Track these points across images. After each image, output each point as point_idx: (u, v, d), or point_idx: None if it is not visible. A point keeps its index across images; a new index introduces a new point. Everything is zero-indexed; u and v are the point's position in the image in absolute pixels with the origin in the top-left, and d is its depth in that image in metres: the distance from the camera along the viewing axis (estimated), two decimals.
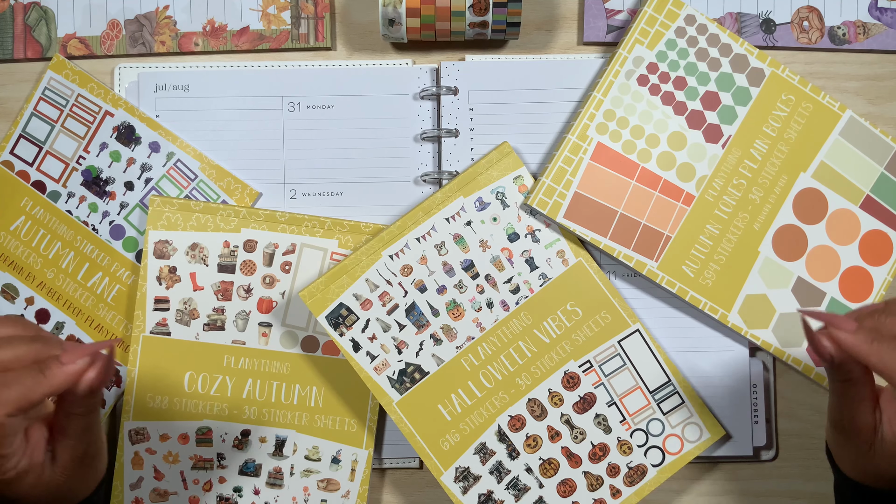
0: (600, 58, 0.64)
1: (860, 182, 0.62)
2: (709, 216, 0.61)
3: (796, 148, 0.62)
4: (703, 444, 0.61)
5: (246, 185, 0.63)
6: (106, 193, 0.63)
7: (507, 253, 0.61)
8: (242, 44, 0.64)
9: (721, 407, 0.62)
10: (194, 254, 0.62)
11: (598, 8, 0.64)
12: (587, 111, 0.61)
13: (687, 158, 0.61)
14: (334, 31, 0.65)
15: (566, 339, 0.61)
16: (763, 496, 0.64)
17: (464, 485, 0.60)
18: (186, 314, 0.61)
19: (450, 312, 0.61)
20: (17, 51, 0.64)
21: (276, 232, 0.62)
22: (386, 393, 0.60)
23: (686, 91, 0.62)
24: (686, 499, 0.64)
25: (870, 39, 0.65)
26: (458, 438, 0.60)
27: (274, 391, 0.62)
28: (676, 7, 0.62)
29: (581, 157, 0.60)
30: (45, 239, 0.63)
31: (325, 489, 0.62)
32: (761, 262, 0.61)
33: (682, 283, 0.60)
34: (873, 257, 0.62)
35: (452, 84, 0.63)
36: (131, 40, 0.64)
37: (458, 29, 0.60)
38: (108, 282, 0.63)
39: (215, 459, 0.62)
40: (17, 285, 0.63)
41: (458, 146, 0.63)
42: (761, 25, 0.64)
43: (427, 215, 0.61)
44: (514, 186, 0.61)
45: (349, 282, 0.60)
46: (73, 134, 0.63)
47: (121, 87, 0.64)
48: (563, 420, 0.61)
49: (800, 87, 0.62)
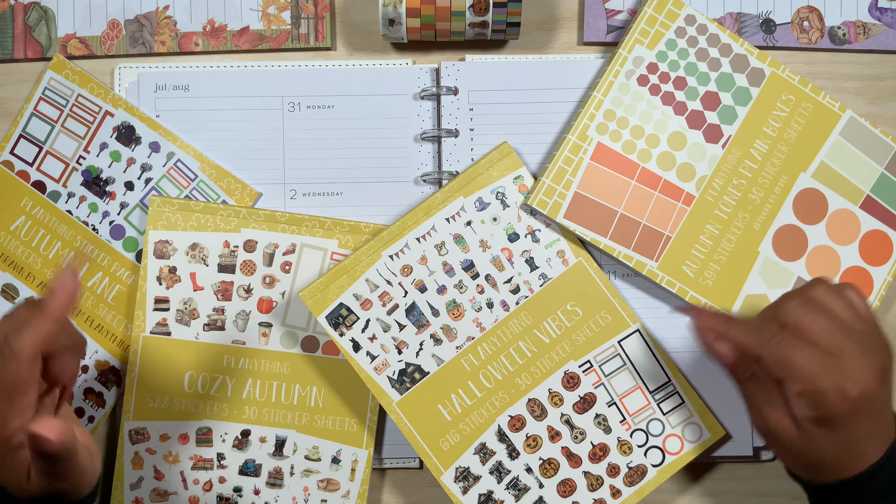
0: (600, 58, 0.64)
1: (860, 182, 0.62)
2: (709, 216, 0.61)
3: (796, 148, 0.62)
4: (703, 444, 0.61)
5: (246, 185, 0.63)
6: (106, 193, 0.63)
7: (507, 253, 0.61)
8: (242, 44, 0.64)
9: (721, 407, 0.62)
10: (194, 254, 0.62)
11: (598, 8, 0.64)
12: (587, 111, 0.61)
13: (687, 158, 0.61)
14: (334, 31, 0.65)
15: (566, 339, 0.61)
16: (763, 496, 0.64)
17: (464, 485, 0.60)
18: (186, 314, 0.61)
19: (450, 312, 0.61)
20: (17, 51, 0.64)
21: (276, 232, 0.62)
22: (386, 393, 0.60)
23: (686, 91, 0.62)
24: (686, 499, 0.64)
25: (870, 39, 0.65)
26: (458, 438, 0.60)
27: (274, 391, 0.62)
28: (676, 7, 0.62)
29: (581, 157, 0.60)
30: (45, 239, 0.63)
31: (325, 489, 0.62)
32: (761, 262, 0.61)
33: (682, 283, 0.60)
34: (873, 257, 0.62)
35: (452, 84, 0.63)
36: (131, 40, 0.64)
37: (458, 29, 0.60)
38: (109, 282, 0.63)
39: (215, 459, 0.62)
40: (17, 285, 0.63)
41: (458, 146, 0.63)
42: (761, 25, 0.64)
43: (427, 215, 0.61)
44: (514, 186, 0.61)
45: (349, 282, 0.60)
46: (73, 134, 0.63)
47: (121, 87, 0.64)
48: (563, 420, 0.61)
49: (800, 87, 0.62)
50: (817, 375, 0.45)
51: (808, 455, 0.48)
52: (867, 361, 0.45)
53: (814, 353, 0.45)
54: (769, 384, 0.47)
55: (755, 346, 0.46)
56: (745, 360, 0.48)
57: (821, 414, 0.45)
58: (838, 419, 0.45)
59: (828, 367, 0.45)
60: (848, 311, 0.47)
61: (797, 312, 0.46)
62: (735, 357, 0.48)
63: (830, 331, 0.46)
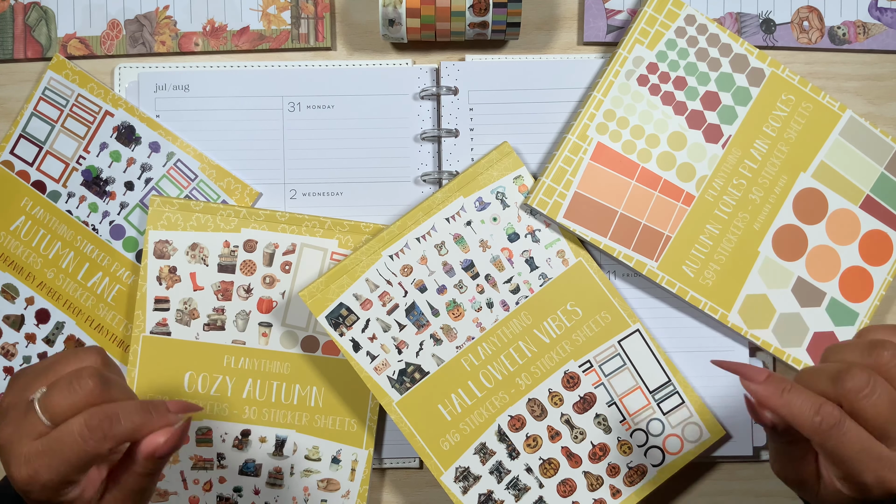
0: (600, 58, 0.64)
1: (860, 182, 0.62)
2: (709, 216, 0.61)
3: (796, 148, 0.62)
4: (703, 444, 0.61)
5: (246, 185, 0.63)
6: (106, 193, 0.63)
7: (507, 253, 0.61)
8: (242, 44, 0.64)
9: (721, 407, 0.62)
10: (194, 254, 0.62)
11: (598, 8, 0.64)
12: (587, 111, 0.61)
13: (687, 158, 0.61)
14: (334, 31, 0.65)
15: (566, 339, 0.61)
16: (763, 496, 0.64)
17: (464, 485, 0.60)
18: (186, 314, 0.61)
19: (450, 312, 0.61)
20: (17, 51, 0.64)
21: (276, 232, 0.62)
22: (386, 393, 0.60)
23: (686, 91, 0.62)
24: (686, 499, 0.64)
25: (870, 39, 0.65)
26: (458, 438, 0.60)
27: (274, 391, 0.62)
28: (676, 7, 0.62)
29: (581, 157, 0.60)
30: (45, 239, 0.63)
31: (325, 489, 0.62)
32: (761, 262, 0.61)
33: (682, 283, 0.60)
34: (873, 257, 0.62)
35: (452, 84, 0.63)
36: (131, 40, 0.64)
37: (458, 29, 0.60)
38: (108, 282, 0.63)
39: (215, 459, 0.62)
40: (17, 285, 0.63)
41: (458, 146, 0.63)
42: (761, 25, 0.64)
43: (427, 215, 0.61)
44: (514, 186, 0.61)
45: (349, 282, 0.60)
46: (73, 134, 0.63)
47: (121, 87, 0.64)
48: (563, 420, 0.61)
49: (800, 87, 0.62)
50: (866, 470, 0.41)
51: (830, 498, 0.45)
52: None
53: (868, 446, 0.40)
54: (807, 445, 0.44)
55: (810, 429, 0.41)
56: (792, 431, 0.43)
57: (855, 495, 0.42)
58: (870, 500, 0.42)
59: (878, 461, 0.41)
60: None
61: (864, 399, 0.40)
62: (782, 428, 0.43)
63: (889, 418, 0.40)
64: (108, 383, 0.43)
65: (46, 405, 0.42)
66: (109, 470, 0.45)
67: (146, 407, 0.43)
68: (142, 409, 0.43)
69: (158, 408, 0.44)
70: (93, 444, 0.41)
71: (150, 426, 0.43)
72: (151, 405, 0.44)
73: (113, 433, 0.42)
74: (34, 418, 0.42)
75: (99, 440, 0.41)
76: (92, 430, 0.41)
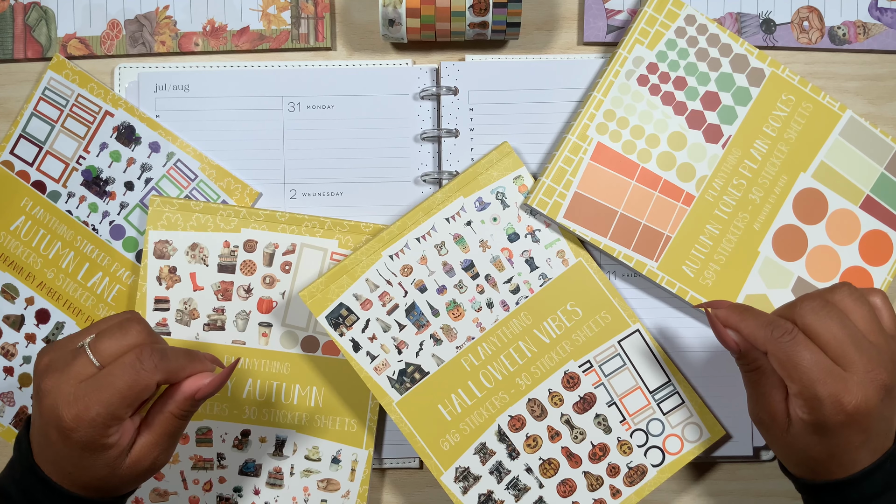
0: (600, 58, 0.64)
1: (860, 182, 0.62)
2: (709, 216, 0.61)
3: (796, 148, 0.62)
4: (703, 444, 0.61)
5: (246, 185, 0.63)
6: (106, 193, 0.63)
7: (507, 253, 0.61)
8: (242, 44, 0.64)
9: (721, 407, 0.62)
10: (194, 254, 0.62)
11: (598, 8, 0.64)
12: (587, 111, 0.61)
13: (687, 158, 0.61)
14: (334, 31, 0.65)
15: (566, 339, 0.61)
16: (763, 496, 0.64)
17: (464, 485, 0.60)
18: (186, 314, 0.61)
19: (450, 312, 0.61)
20: (17, 51, 0.64)
21: (276, 232, 0.62)
22: (386, 393, 0.60)
23: (686, 91, 0.62)
24: (686, 499, 0.64)
25: (870, 39, 0.65)
26: (458, 438, 0.60)
27: (274, 391, 0.62)
28: (676, 7, 0.62)
29: (581, 157, 0.60)
30: (45, 239, 0.63)
31: (325, 489, 0.62)
32: (761, 262, 0.61)
33: (682, 283, 0.60)
34: (873, 257, 0.62)
35: (452, 84, 0.63)
36: (131, 40, 0.64)
37: (458, 29, 0.60)
38: (108, 282, 0.63)
39: (215, 459, 0.62)
40: (17, 285, 0.63)
41: (458, 146, 0.63)
42: (761, 25, 0.64)
43: (427, 215, 0.61)
44: (514, 186, 0.61)
45: (349, 282, 0.60)
46: (73, 134, 0.63)
47: (121, 87, 0.64)
48: (563, 420, 0.61)
49: (800, 87, 0.62)
50: (817, 382, 0.44)
51: (795, 452, 0.48)
52: (873, 376, 0.44)
53: (819, 359, 0.45)
54: (773, 378, 0.48)
55: (763, 340, 0.46)
56: (753, 352, 0.48)
57: (814, 419, 0.45)
58: (830, 428, 0.45)
59: (830, 375, 0.44)
60: (868, 321, 0.47)
61: (813, 314, 0.46)
62: (744, 347, 0.48)
63: (841, 339, 0.45)
64: (152, 331, 0.48)
65: (97, 347, 0.45)
66: (141, 421, 0.48)
67: (190, 352, 0.48)
68: (186, 353, 0.48)
69: (200, 356, 0.48)
70: (144, 374, 0.45)
71: (193, 369, 0.47)
72: (194, 352, 0.48)
73: (163, 366, 0.45)
74: (83, 362, 0.45)
75: (151, 370, 0.45)
76: (143, 361, 0.45)
